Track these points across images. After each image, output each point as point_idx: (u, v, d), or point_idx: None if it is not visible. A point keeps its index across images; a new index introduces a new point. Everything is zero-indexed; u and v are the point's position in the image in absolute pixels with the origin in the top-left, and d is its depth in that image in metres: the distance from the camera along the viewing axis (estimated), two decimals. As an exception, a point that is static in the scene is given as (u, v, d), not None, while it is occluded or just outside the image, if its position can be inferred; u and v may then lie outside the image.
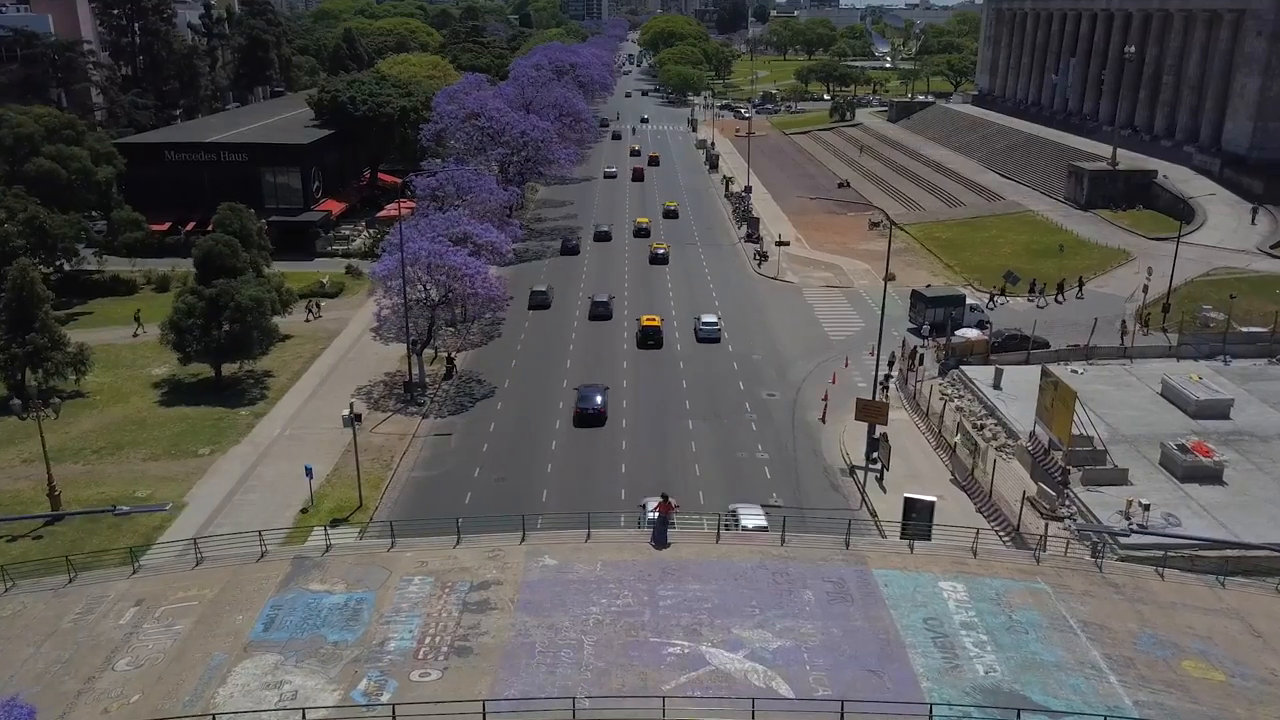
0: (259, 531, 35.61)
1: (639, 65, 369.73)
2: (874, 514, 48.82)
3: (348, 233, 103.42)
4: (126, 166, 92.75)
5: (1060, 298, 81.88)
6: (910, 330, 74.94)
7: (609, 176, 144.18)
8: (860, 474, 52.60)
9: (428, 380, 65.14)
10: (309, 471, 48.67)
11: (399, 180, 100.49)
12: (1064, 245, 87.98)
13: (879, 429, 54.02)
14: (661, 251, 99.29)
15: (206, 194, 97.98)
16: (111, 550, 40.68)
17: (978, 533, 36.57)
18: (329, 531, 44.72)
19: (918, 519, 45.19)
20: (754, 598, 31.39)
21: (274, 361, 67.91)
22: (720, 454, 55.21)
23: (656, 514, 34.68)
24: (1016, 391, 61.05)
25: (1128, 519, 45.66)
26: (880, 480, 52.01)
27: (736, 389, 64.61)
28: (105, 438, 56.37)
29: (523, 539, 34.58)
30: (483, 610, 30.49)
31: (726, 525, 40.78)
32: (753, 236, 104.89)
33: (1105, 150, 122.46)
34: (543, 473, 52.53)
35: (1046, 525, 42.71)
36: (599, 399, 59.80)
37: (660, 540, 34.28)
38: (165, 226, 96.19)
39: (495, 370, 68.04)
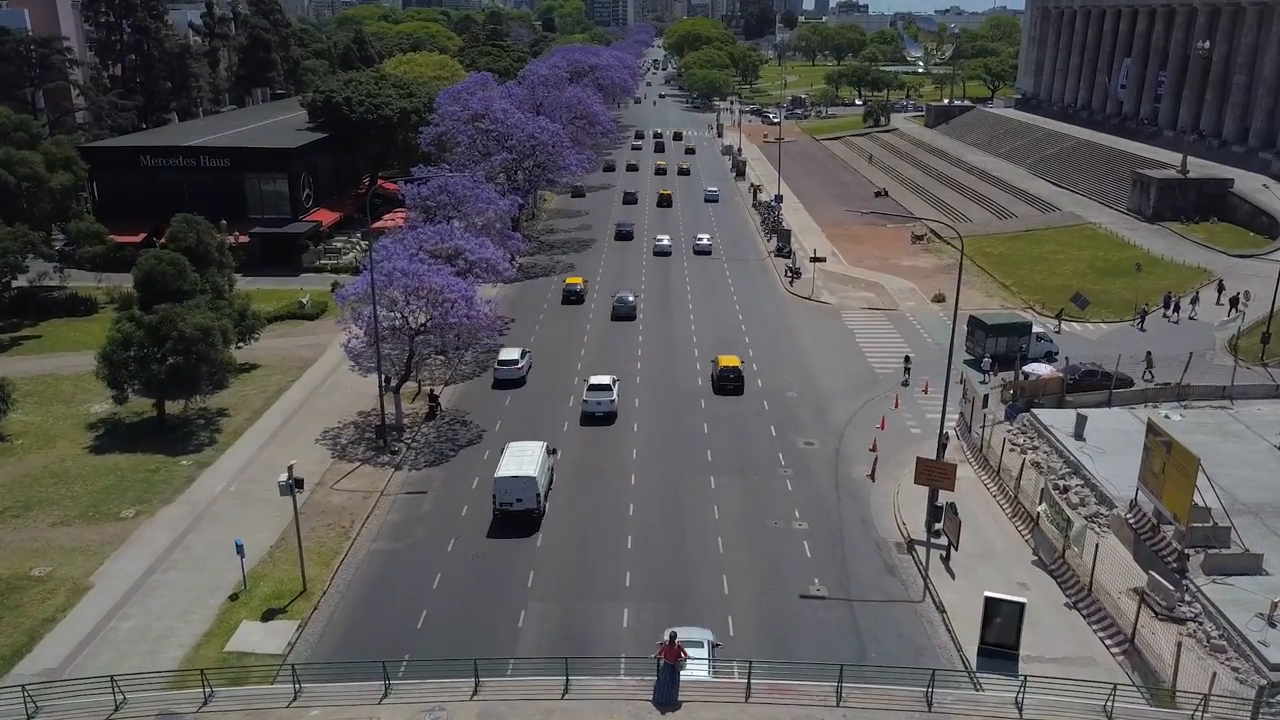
0: (111, 677, 26.17)
1: (664, 69, 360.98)
2: (941, 608, 38.96)
3: (340, 245, 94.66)
4: (91, 172, 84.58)
5: (1143, 326, 71.72)
6: (967, 362, 64.98)
7: (638, 138, 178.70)
8: (921, 550, 42.73)
9: (405, 422, 55.86)
10: (240, 549, 39.39)
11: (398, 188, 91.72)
12: (1140, 264, 77.67)
13: (942, 494, 44.22)
14: (686, 166, 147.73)
15: (186, 202, 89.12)
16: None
17: (1114, 689, 26.54)
18: (256, 625, 35.65)
19: (1003, 625, 35.55)
20: (801, 801, 21.79)
21: (233, 396, 58.88)
22: (748, 523, 45.43)
23: (661, 659, 25.07)
24: (1104, 442, 51.03)
25: (1272, 625, 35.62)
26: (946, 560, 42.10)
27: (768, 435, 54.83)
28: (14, 495, 47.34)
29: (475, 689, 25.10)
30: (403, 821, 21.11)
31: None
32: (784, 251, 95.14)
33: (1166, 156, 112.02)
34: (531, 548, 43.01)
35: (1179, 648, 32.64)
36: None
37: (667, 698, 24.75)
38: (139, 238, 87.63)
39: (486, 409, 58.67)
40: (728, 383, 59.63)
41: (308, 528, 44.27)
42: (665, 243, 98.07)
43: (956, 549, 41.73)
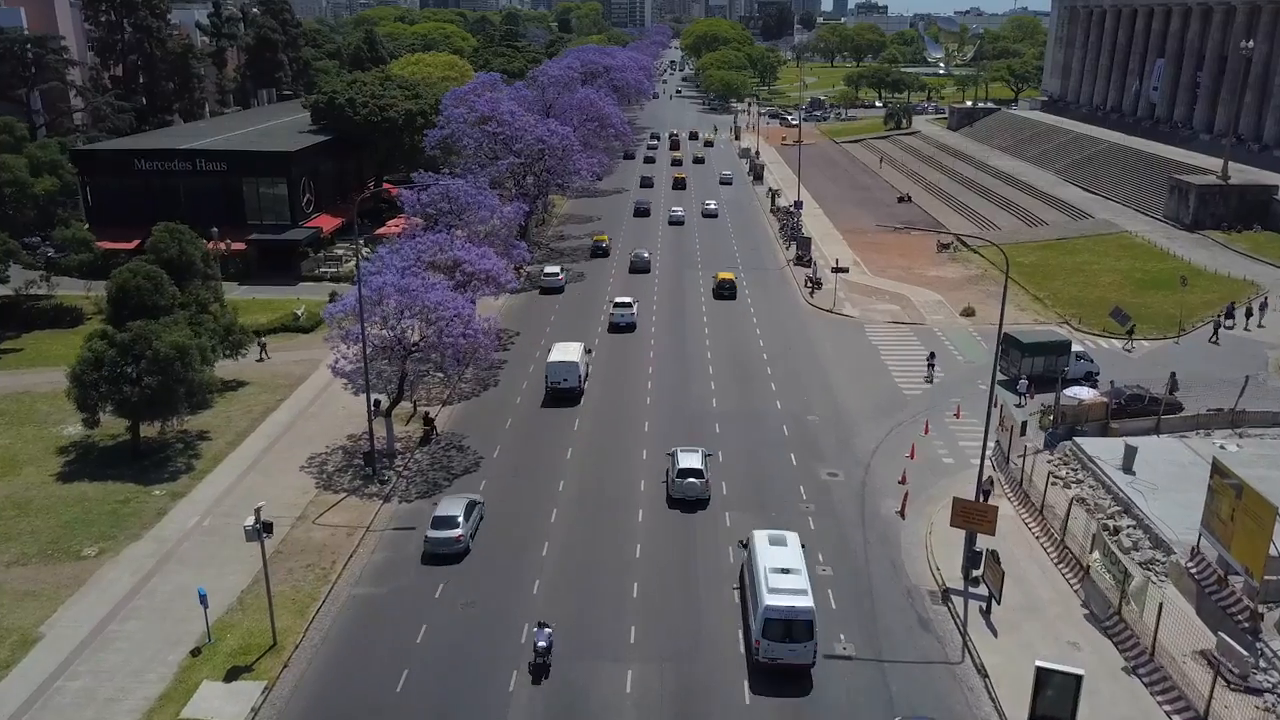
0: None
1: (681, 70, 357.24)
2: (983, 672, 34.78)
3: (341, 252, 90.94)
4: (83, 177, 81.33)
5: (1217, 339, 67.53)
6: (1002, 383, 60.64)
7: (653, 139, 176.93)
8: (958, 601, 38.55)
9: (398, 447, 52.02)
10: (203, 599, 35.60)
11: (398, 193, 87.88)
12: (1185, 277, 73.03)
13: (980, 536, 40.00)
14: (701, 156, 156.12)
15: (182, 208, 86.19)
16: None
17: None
18: (218, 686, 31.86)
19: (1057, 698, 31.30)
20: None
21: (215, 417, 55.22)
22: (767, 567, 41.25)
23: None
24: (1155, 476, 46.77)
25: (1363, 700, 31.31)
26: (987, 614, 37.90)
27: (788, 465, 50.69)
28: (-29, 529, 43.84)
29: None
30: None
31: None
32: (803, 259, 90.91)
33: (1202, 160, 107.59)
34: (527, 596, 39.08)
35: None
36: None
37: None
38: (133, 245, 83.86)
39: (485, 432, 54.74)
40: (723, 290, 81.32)
41: (284, 569, 40.68)
42: (679, 213, 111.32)
43: (999, 602, 37.52)
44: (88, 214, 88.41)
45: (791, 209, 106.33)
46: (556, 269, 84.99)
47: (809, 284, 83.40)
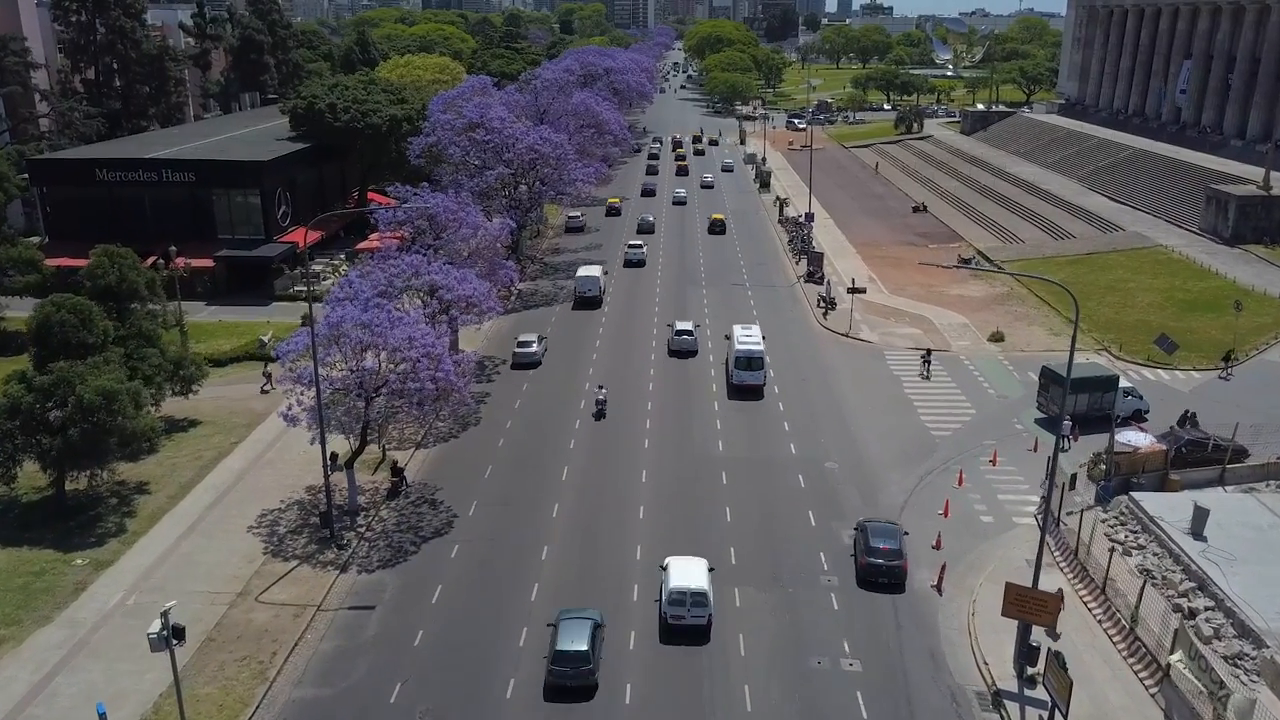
0: None
1: (685, 72, 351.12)
2: (1052, 810, 28.60)
3: (319, 269, 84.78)
4: (39, 188, 75.37)
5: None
6: (1039, 422, 54.59)
7: (655, 142, 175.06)
8: (1013, 708, 32.27)
9: (362, 501, 45.82)
10: (103, 718, 29.32)
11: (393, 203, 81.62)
12: (1240, 301, 66.56)
13: (1037, 628, 33.76)
14: (701, 149, 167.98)
15: (149, 221, 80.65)
16: None
17: None
18: None
19: None
20: None
21: (159, 465, 49.09)
22: (784, 661, 34.95)
23: None
24: (1231, 542, 40.40)
25: None
26: (1049, 727, 31.63)
27: (805, 524, 44.37)
28: None
29: None
30: None
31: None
32: (815, 276, 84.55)
33: (1235, 168, 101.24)
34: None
35: None
36: None
37: None
38: (93, 262, 78.02)
39: (461, 482, 48.45)
40: (716, 228, 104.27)
41: (215, 663, 34.51)
42: (682, 194, 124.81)
43: (1065, 717, 31.16)
44: (46, 228, 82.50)
45: (802, 220, 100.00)
46: (579, 213, 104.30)
47: (821, 303, 77.07)
